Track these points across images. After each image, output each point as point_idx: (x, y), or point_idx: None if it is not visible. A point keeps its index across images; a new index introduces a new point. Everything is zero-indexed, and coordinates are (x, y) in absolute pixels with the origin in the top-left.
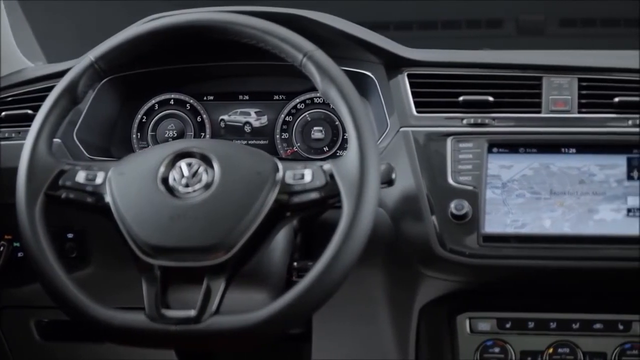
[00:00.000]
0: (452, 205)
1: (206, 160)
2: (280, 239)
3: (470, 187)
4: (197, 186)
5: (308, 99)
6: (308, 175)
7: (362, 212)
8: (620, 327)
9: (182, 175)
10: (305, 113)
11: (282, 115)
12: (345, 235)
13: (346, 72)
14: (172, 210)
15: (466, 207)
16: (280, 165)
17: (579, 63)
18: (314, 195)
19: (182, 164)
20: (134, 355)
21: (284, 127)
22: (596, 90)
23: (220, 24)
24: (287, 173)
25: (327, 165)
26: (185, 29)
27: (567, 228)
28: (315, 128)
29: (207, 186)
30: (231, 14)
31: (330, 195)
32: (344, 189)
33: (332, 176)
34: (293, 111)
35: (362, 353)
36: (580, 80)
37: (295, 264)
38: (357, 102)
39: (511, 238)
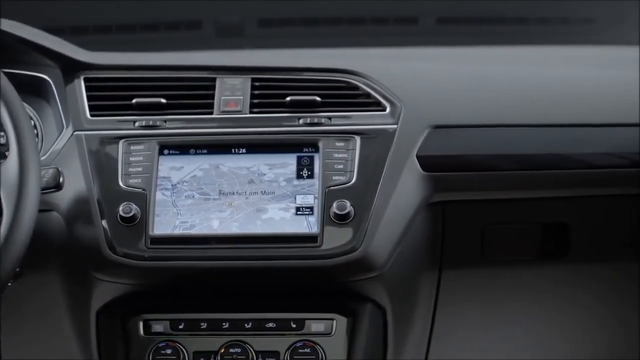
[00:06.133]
0: (120, 208)
1: None
2: None
3: (139, 190)
4: None
5: None
6: None
7: (21, 217)
8: (293, 325)
9: None
10: None
11: None
12: (4, 240)
13: (22, 76)
14: None
15: (134, 209)
16: None
17: (252, 63)
18: None
19: None
20: None
21: None
22: (268, 90)
23: None
24: None
25: None
26: None
27: (235, 228)
28: None
29: None
30: None
31: None
32: (4, 194)
33: None
34: None
35: (49, 354)
36: (253, 80)
37: None
38: (17, 107)
39: (179, 239)
